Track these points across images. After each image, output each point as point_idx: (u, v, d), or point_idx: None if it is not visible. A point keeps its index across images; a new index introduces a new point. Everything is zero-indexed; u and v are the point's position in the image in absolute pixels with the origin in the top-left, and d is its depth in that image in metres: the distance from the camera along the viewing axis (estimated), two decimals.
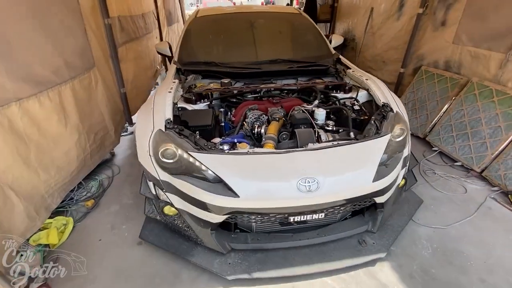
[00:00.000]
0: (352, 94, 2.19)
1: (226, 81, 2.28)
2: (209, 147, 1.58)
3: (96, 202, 2.22)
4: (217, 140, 1.69)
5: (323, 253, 1.63)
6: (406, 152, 1.79)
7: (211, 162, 1.49)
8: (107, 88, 2.68)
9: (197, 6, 13.76)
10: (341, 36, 3.18)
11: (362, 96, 2.17)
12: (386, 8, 3.82)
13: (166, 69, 5.38)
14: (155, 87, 4.97)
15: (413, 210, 1.96)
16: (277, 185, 1.42)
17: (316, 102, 2.04)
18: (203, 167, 1.49)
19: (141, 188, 1.76)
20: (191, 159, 1.52)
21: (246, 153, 1.52)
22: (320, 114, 1.93)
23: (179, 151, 1.54)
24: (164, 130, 1.65)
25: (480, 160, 2.44)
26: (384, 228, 1.76)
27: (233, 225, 1.63)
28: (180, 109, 1.97)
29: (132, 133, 3.37)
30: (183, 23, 6.79)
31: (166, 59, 5.28)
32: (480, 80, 2.58)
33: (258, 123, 1.88)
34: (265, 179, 1.43)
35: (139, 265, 1.71)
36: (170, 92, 1.98)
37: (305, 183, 1.40)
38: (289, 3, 12.85)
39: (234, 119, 2.01)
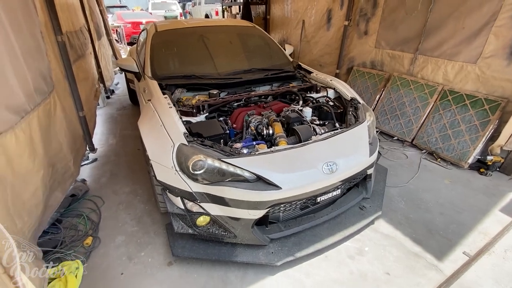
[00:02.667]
0: (323, 93, 2.64)
1: (214, 92, 2.40)
2: (236, 152, 1.71)
3: (95, 237, 1.98)
4: (238, 145, 1.83)
5: (340, 223, 1.97)
6: (374, 132, 2.33)
7: (245, 164, 1.63)
8: (66, 112, 2.36)
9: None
10: (289, 44, 3.66)
11: (331, 94, 2.63)
12: (316, 20, 4.55)
13: (105, 87, 4.90)
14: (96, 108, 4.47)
15: (384, 176, 2.53)
16: (308, 172, 1.68)
17: (301, 102, 2.39)
18: (239, 170, 1.62)
19: (167, 207, 1.73)
20: (224, 166, 1.62)
21: (272, 152, 1.73)
22: (308, 112, 2.28)
23: (209, 160, 1.62)
24: (187, 143, 1.69)
25: (409, 133, 3.26)
26: (372, 194, 2.23)
27: (267, 220, 1.79)
28: (185, 123, 2.00)
29: (96, 159, 3.02)
30: (108, 36, 6.26)
31: (103, 76, 4.85)
32: (399, 74, 3.45)
33: (261, 126, 2.10)
34: (298, 169, 1.67)
35: (182, 284, 1.68)
36: (171, 107, 1.99)
37: (328, 166, 1.71)
38: (208, 15, 13.21)
39: (235, 125, 2.17)
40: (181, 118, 1.96)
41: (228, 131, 2.06)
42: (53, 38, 2.33)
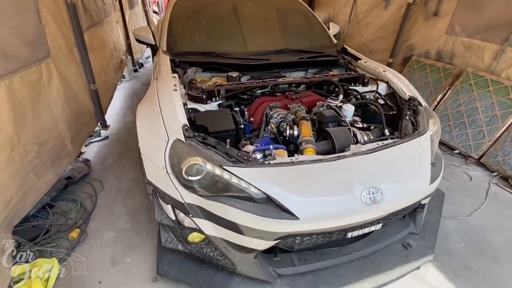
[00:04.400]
0: (371, 87, 2.06)
1: (234, 75, 1.96)
2: (245, 158, 1.30)
3: (82, 231, 1.76)
4: (249, 148, 1.41)
5: (372, 263, 1.50)
6: (437, 147, 1.74)
7: (254, 178, 1.22)
8: (67, 84, 2.09)
9: None
10: (335, 23, 3.03)
11: (382, 89, 2.05)
12: None
13: (133, 60, 4.72)
14: (121, 81, 4.33)
15: (440, 204, 1.94)
16: (340, 199, 1.21)
17: (341, 97, 1.86)
18: (244, 184, 1.22)
19: (155, 214, 1.40)
20: (225, 175, 1.22)
21: (292, 163, 1.28)
22: (349, 110, 1.75)
23: (208, 166, 1.23)
24: (184, 140, 1.31)
25: (478, 147, 2.55)
26: (422, 227, 1.70)
27: (277, 248, 1.39)
28: (190, 110, 1.62)
29: (107, 137, 2.83)
30: (144, 6, 6.03)
31: (131, 48, 4.66)
32: (475, 70, 2.68)
33: (285, 123, 1.64)
34: (326, 193, 1.22)
35: None
36: (175, 90, 1.61)
37: (369, 193, 1.22)
38: None
39: (253, 119, 1.73)
40: (185, 105, 1.58)
41: (243, 126, 1.63)
42: None
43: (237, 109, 1.77)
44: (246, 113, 1.76)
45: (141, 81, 4.50)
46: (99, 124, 2.74)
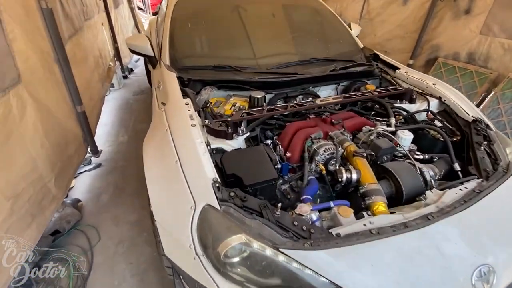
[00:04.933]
0: (420, 105, 1.74)
1: (259, 96, 1.58)
2: (304, 228, 0.94)
3: None
4: (305, 209, 1.05)
5: None
6: None
7: (322, 263, 0.87)
8: (47, 113, 1.64)
9: None
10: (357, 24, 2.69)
11: (433, 106, 1.73)
12: None
13: (122, 65, 4.22)
14: (110, 91, 3.85)
15: None
16: None
17: (393, 120, 1.53)
18: (308, 272, 0.86)
19: None
20: (281, 258, 0.87)
21: (371, 234, 0.94)
22: (406, 138, 1.42)
23: (256, 246, 0.87)
24: (218, 206, 0.94)
25: None
26: None
27: None
28: (214, 151, 1.24)
29: (99, 165, 2.41)
30: (130, 3, 5.48)
31: (120, 52, 4.17)
32: None
33: (337, 163, 1.29)
34: (425, 283, 0.88)
35: None
36: (193, 125, 1.23)
37: (481, 275, 0.90)
38: None
39: (289, 154, 1.37)
40: (208, 144, 1.20)
41: (279, 165, 1.28)
42: (34, 4, 1.61)
43: (268, 142, 1.41)
44: (279, 146, 1.39)
45: (132, 89, 4.03)
46: (89, 150, 2.32)
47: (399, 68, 1.99)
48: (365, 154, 1.29)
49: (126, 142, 2.75)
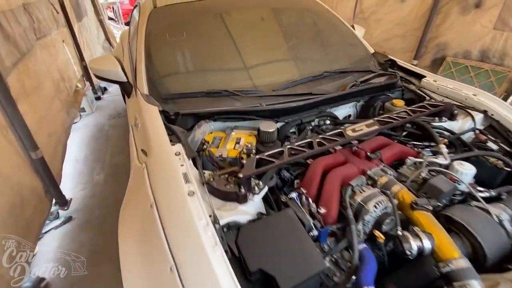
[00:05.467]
0: (463, 122, 1.42)
1: (270, 130, 1.21)
2: None
3: None
4: None
5: None
6: None
7: None
8: None
9: None
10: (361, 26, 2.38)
11: (477, 123, 1.42)
12: None
13: (92, 86, 3.71)
14: (80, 116, 3.34)
15: None
16: None
17: (444, 149, 1.20)
18: None
19: None
20: None
21: None
22: (468, 173, 1.09)
23: None
24: None
25: None
26: None
27: None
28: (226, 229, 0.85)
29: (70, 219, 1.94)
30: (98, 15, 4.96)
31: (89, 71, 3.66)
32: None
33: (390, 220, 0.94)
34: None
35: None
36: (191, 194, 0.84)
37: None
38: None
39: (323, 211, 1.00)
40: (216, 221, 0.81)
41: (317, 232, 0.90)
42: None
43: (293, 195, 1.03)
44: (304, 196, 1.02)
45: (107, 112, 3.54)
46: (54, 202, 1.85)
47: (425, 76, 1.68)
48: (430, 207, 0.95)
49: (102, 182, 2.29)
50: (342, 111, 1.60)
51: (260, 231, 0.83)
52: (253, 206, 0.94)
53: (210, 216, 0.80)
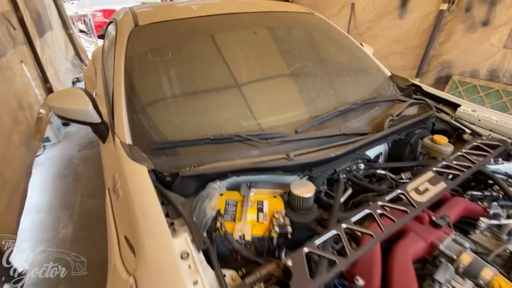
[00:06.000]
0: None
1: (307, 195, 0.88)
2: None
3: None
4: None
5: None
6: None
7: None
8: None
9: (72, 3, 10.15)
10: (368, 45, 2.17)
11: None
12: (379, 4, 3.05)
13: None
14: (44, 148, 2.83)
15: None
16: None
17: None
18: None
19: None
20: None
21: None
22: None
23: None
24: None
25: None
26: None
27: None
28: None
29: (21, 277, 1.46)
30: (67, 29, 4.46)
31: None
32: None
33: None
34: None
35: None
36: None
37: None
38: None
39: None
40: None
41: None
42: None
43: None
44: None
45: (76, 141, 3.04)
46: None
47: (459, 105, 1.45)
48: None
49: (70, 238, 1.81)
50: (373, 152, 1.31)
51: None
52: None
53: None
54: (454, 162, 1.04)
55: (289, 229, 0.82)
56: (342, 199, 0.96)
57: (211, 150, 1.05)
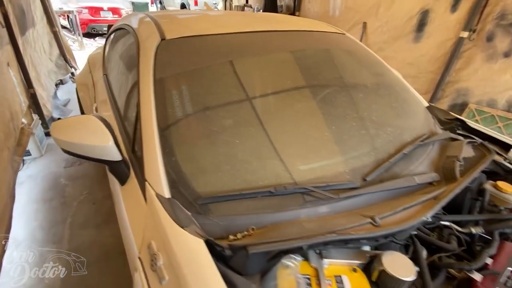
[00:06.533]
0: None
1: (408, 277, 0.70)
2: None
3: None
4: None
5: None
6: None
7: None
8: None
9: None
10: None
11: None
12: (393, 25, 3.01)
13: (43, 120, 2.81)
14: (23, 164, 2.44)
15: None
16: None
17: None
18: None
19: None
20: None
21: None
22: None
23: None
24: None
25: None
26: None
27: None
28: None
29: None
30: (52, 26, 4.06)
31: (37, 99, 2.76)
32: None
33: None
34: None
35: None
36: None
37: None
38: (185, 5, 10.94)
39: None
40: None
41: None
42: None
43: None
44: None
45: (62, 156, 2.65)
46: None
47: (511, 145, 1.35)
48: None
49: (59, 284, 1.49)
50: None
51: None
52: None
53: None
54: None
55: None
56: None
57: (267, 206, 0.84)
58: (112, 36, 1.98)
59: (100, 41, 7.84)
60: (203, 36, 1.24)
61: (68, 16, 7.65)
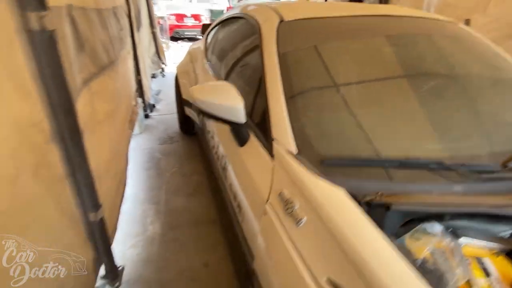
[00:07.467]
0: None
1: None
2: None
3: None
4: None
5: None
6: None
7: None
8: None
9: None
10: None
11: None
12: (506, 23, 2.62)
13: (144, 103, 3.29)
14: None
15: None
16: None
17: None
18: None
19: None
20: None
21: None
22: None
23: None
24: None
25: None
26: None
27: None
28: None
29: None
30: (153, 27, 4.72)
31: (142, 85, 3.26)
32: None
33: None
34: None
35: None
36: None
37: None
38: None
39: None
40: None
41: None
42: (10, 21, 0.67)
43: None
44: None
45: (157, 135, 3.06)
46: (101, 275, 1.29)
47: None
48: None
49: (158, 236, 1.71)
50: None
51: None
52: None
53: None
54: None
55: None
56: None
57: (393, 177, 0.82)
58: (215, 29, 2.22)
59: (182, 44, 8.81)
60: (319, 18, 1.29)
61: (159, 21, 8.82)
